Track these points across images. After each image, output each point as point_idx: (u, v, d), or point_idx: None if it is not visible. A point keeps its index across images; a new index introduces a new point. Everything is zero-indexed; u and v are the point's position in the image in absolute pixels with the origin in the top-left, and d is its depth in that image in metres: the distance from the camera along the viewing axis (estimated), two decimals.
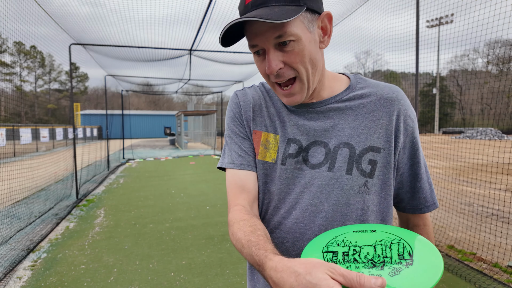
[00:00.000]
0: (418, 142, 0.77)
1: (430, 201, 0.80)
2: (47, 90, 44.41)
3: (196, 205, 5.60)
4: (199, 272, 3.10)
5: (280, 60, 0.65)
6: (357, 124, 0.73)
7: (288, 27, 0.62)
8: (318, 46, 0.68)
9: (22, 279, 2.98)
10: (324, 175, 0.72)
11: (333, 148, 0.72)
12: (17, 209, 5.11)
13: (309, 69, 0.67)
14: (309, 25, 0.65)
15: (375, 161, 0.72)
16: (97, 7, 4.93)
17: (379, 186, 0.73)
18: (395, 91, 0.75)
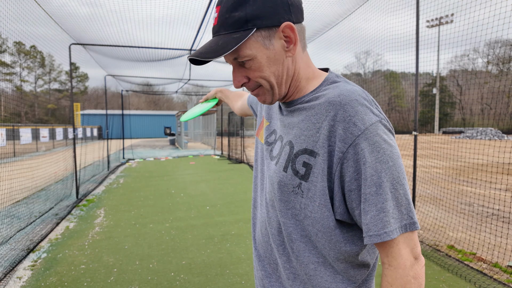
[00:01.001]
0: (365, 154, 0.64)
1: (373, 229, 0.64)
2: (47, 90, 44.42)
3: (196, 205, 5.60)
4: (199, 272, 3.10)
5: (243, 76, 0.74)
6: (303, 125, 0.74)
7: (240, 51, 0.69)
8: (282, 56, 0.72)
9: (22, 279, 2.98)
10: (272, 168, 0.80)
11: (283, 144, 0.78)
12: (17, 209, 5.11)
13: (272, 80, 0.73)
14: (265, 41, 0.69)
15: (310, 165, 0.70)
16: (96, 7, 4.93)
17: (314, 192, 0.70)
18: (342, 95, 0.69)
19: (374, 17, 4.73)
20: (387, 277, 0.67)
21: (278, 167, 0.77)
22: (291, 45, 0.71)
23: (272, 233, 0.81)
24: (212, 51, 0.68)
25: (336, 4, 4.85)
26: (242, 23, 0.67)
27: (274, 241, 0.81)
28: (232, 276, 3.00)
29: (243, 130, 12.11)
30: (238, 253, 3.52)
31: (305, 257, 0.75)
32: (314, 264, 0.74)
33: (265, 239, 0.84)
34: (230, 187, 7.13)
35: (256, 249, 0.90)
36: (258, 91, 0.76)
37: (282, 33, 0.70)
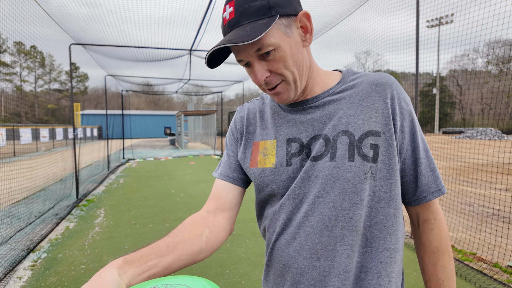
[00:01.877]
0: (415, 125, 0.75)
1: (433, 187, 0.75)
2: (47, 90, 44.44)
3: (196, 205, 5.60)
4: (199, 272, 3.10)
5: (265, 70, 0.70)
6: (353, 112, 0.73)
7: (264, 40, 0.66)
8: (301, 46, 0.71)
9: (22, 279, 2.98)
10: (327, 165, 0.72)
11: (332, 138, 0.73)
12: (17, 209, 5.11)
13: (294, 71, 0.71)
14: (286, 29, 0.68)
15: (377, 145, 0.71)
16: (96, 7, 4.93)
17: (386, 171, 0.72)
18: (385, 77, 0.76)
19: (374, 17, 4.73)
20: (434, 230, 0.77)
21: (339, 160, 0.71)
22: (307, 34, 0.72)
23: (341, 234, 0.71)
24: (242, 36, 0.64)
25: (335, 4, 4.85)
26: (266, 10, 0.66)
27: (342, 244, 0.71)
28: (232, 276, 3.00)
29: None
30: (238, 253, 3.53)
31: (380, 244, 0.72)
32: (389, 251, 0.73)
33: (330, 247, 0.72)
34: None
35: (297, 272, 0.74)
36: (281, 87, 0.72)
37: (299, 22, 0.70)
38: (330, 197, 0.71)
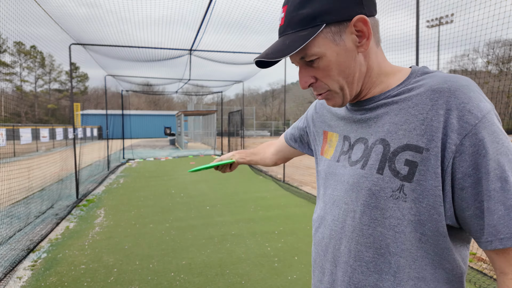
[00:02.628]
0: (485, 145, 0.57)
1: (504, 231, 0.56)
2: (47, 90, 44.44)
3: (196, 205, 5.60)
4: (199, 272, 3.10)
5: (310, 76, 0.70)
6: (398, 119, 0.65)
7: (308, 49, 0.66)
8: (353, 52, 0.67)
9: (22, 279, 2.98)
10: (357, 173, 0.69)
11: (370, 144, 0.69)
12: (17, 209, 5.11)
13: (340, 80, 0.68)
14: (335, 37, 0.65)
15: (415, 163, 0.61)
16: (95, 8, 4.93)
17: (421, 193, 0.61)
18: (449, 81, 0.62)
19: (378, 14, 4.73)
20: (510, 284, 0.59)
21: (368, 170, 0.67)
22: (364, 39, 0.66)
23: (357, 249, 0.68)
24: (278, 51, 0.65)
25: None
26: (310, 19, 0.64)
27: (357, 259, 0.69)
28: (232, 276, 3.00)
29: (243, 130, 12.11)
30: (238, 253, 3.53)
31: (404, 273, 0.64)
32: (414, 280, 0.64)
33: (344, 259, 0.71)
34: (230, 187, 7.13)
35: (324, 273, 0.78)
36: (326, 95, 0.71)
37: (354, 28, 0.65)
38: (353, 207, 0.69)
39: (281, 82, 63.68)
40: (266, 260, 3.34)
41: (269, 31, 6.10)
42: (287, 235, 4.06)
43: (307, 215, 4.89)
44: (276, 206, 5.48)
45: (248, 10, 5.01)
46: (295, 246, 3.69)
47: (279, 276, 2.99)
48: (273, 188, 6.98)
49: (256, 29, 5.99)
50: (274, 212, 5.08)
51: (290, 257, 3.41)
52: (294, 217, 4.82)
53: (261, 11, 5.10)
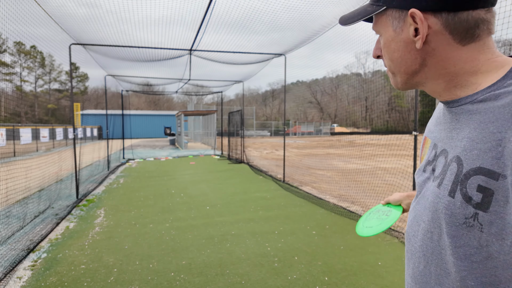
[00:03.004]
0: None
1: None
2: (47, 90, 44.45)
3: (196, 205, 5.60)
4: (199, 272, 3.10)
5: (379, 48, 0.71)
6: (475, 135, 0.55)
7: (374, 24, 0.68)
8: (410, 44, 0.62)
9: (22, 279, 2.98)
10: (435, 191, 0.61)
11: (448, 161, 0.60)
12: (17, 209, 5.11)
13: (391, 65, 0.68)
14: (394, 22, 0.63)
15: (489, 190, 0.51)
16: (95, 8, 4.93)
17: (502, 227, 0.50)
18: None
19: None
20: None
21: (442, 190, 0.59)
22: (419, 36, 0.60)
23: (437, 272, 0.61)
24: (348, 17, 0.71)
25: (334, 5, 4.85)
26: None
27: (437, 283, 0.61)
28: (232, 276, 3.00)
29: (243, 130, 12.11)
30: (238, 253, 3.53)
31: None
32: None
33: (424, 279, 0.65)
34: (230, 187, 7.13)
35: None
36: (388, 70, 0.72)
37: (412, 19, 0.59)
38: (430, 227, 0.62)
39: (281, 82, 63.56)
40: (266, 260, 3.34)
41: (269, 31, 6.10)
42: (287, 235, 4.06)
43: (307, 215, 4.89)
44: (276, 206, 5.48)
45: (248, 10, 5.01)
46: (295, 246, 3.69)
47: (279, 276, 2.99)
48: (273, 188, 6.98)
49: (255, 29, 6.00)
50: (274, 212, 5.08)
51: (290, 257, 3.41)
52: (294, 217, 4.82)
53: (261, 12, 5.10)
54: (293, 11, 5.00)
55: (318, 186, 7.17)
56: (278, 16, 5.23)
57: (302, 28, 5.98)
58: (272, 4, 4.78)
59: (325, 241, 3.83)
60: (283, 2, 4.66)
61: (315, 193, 6.45)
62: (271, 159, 13.12)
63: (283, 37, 6.57)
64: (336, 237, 3.95)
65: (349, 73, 33.11)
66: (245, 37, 6.53)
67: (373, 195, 5.87)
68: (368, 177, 7.76)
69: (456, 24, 0.58)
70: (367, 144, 18.33)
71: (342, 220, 4.64)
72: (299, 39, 6.69)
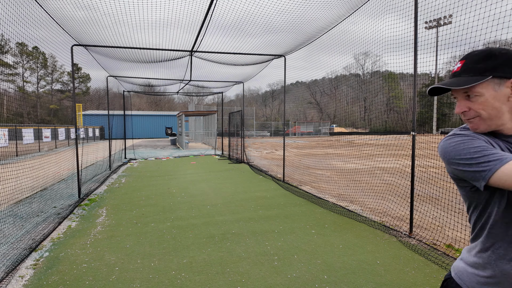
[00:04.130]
0: None
1: None
2: (49, 91, 44.58)
3: (197, 204, 5.64)
4: (200, 270, 3.13)
5: (466, 106, 1.02)
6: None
7: (475, 88, 0.98)
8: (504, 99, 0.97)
9: (24, 278, 3.02)
10: None
11: None
12: (19, 208, 5.16)
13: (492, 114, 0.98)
14: (495, 86, 0.96)
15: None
16: (92, 11, 4.97)
17: None
18: None
19: (373, 18, 4.76)
20: None
21: None
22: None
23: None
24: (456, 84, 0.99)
25: (335, 6, 4.88)
26: (482, 71, 0.97)
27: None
28: (233, 275, 3.04)
29: (243, 130, 12.14)
30: (238, 251, 3.56)
31: None
32: None
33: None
34: (231, 187, 7.17)
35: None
36: (476, 120, 1.01)
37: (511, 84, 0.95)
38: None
39: (281, 83, 63.50)
40: (266, 258, 3.38)
41: (264, 33, 6.16)
42: (287, 234, 4.09)
43: (306, 214, 4.92)
44: (276, 205, 5.51)
45: (248, 11, 5.05)
46: (294, 245, 3.72)
47: (278, 275, 3.02)
48: (273, 188, 7.01)
49: (256, 30, 6.04)
50: (274, 211, 5.11)
51: (289, 255, 3.44)
52: (294, 216, 4.85)
53: (251, 15, 5.16)
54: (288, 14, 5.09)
55: (317, 186, 7.19)
56: (279, 18, 5.27)
57: (300, 31, 6.04)
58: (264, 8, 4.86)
59: (324, 240, 3.86)
60: (283, 4, 4.71)
61: (314, 192, 6.48)
62: (271, 159, 13.15)
63: (284, 38, 6.61)
64: (335, 236, 3.98)
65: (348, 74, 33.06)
66: (245, 39, 6.57)
67: (371, 195, 5.90)
68: (366, 177, 7.79)
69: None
70: (366, 144, 18.32)
71: (341, 219, 4.67)
72: (299, 40, 6.73)
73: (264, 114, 57.23)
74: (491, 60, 0.96)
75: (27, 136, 15.24)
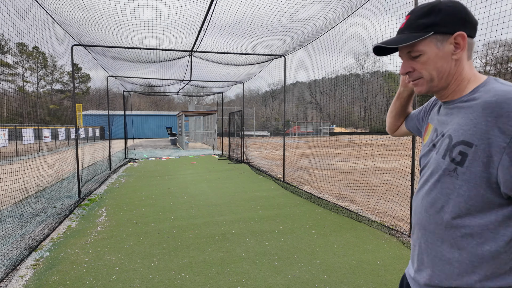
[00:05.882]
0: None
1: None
2: (49, 91, 44.59)
3: (197, 204, 5.64)
4: (200, 270, 3.13)
5: (410, 66, 0.97)
6: (461, 121, 0.89)
7: (416, 46, 0.93)
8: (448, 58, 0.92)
9: (24, 278, 3.02)
10: (434, 157, 0.97)
11: (443, 138, 0.94)
12: (19, 208, 5.16)
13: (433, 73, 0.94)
14: (437, 43, 0.91)
15: (466, 154, 0.85)
16: (91, 11, 4.96)
17: (469, 175, 0.85)
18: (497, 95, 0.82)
19: (373, 18, 4.76)
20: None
21: (437, 155, 0.95)
22: (459, 50, 0.91)
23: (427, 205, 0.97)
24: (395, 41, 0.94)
25: (335, 7, 4.88)
26: (424, 27, 0.91)
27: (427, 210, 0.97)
28: (233, 275, 3.04)
29: (243, 130, 12.14)
30: (238, 251, 3.56)
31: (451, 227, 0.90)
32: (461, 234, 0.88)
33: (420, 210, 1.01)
34: (231, 187, 7.16)
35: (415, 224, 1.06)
36: (418, 81, 0.98)
37: (454, 40, 0.90)
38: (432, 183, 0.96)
39: (281, 83, 63.48)
40: (266, 258, 3.37)
41: (263, 33, 6.17)
42: (287, 234, 4.09)
43: (306, 214, 4.92)
44: (276, 205, 5.51)
45: (248, 13, 5.05)
46: (294, 245, 3.72)
47: (279, 275, 3.02)
48: (273, 188, 7.01)
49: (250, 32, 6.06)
50: (274, 211, 5.11)
51: (289, 255, 3.44)
52: (294, 216, 4.85)
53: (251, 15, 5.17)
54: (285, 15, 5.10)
55: (317, 186, 7.19)
56: (277, 19, 5.27)
57: (298, 32, 6.05)
58: (262, 11, 4.87)
59: (324, 240, 3.86)
60: (280, 5, 4.71)
61: (314, 192, 6.48)
62: (271, 159, 13.15)
63: (283, 39, 6.61)
64: (335, 236, 3.98)
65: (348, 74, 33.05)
66: (245, 39, 6.57)
67: (371, 195, 5.89)
68: (367, 177, 7.78)
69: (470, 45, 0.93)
70: (366, 144, 18.31)
71: (341, 219, 4.67)
72: (298, 41, 6.73)
73: (264, 114, 57.23)
74: (433, 15, 0.90)
75: (27, 136, 15.24)
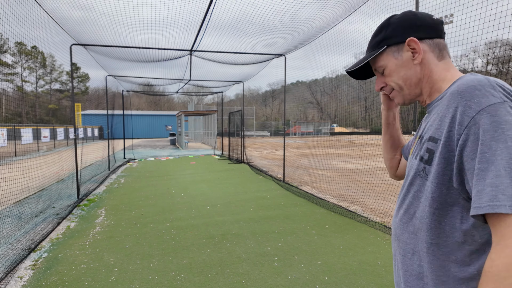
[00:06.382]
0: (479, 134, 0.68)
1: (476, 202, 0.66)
2: (48, 91, 44.51)
3: (196, 204, 5.62)
4: (200, 271, 3.11)
5: (382, 81, 0.99)
6: (432, 119, 0.86)
7: (376, 63, 0.97)
8: (409, 63, 0.91)
9: (23, 279, 3.00)
10: (411, 160, 0.94)
11: (420, 139, 0.92)
12: (18, 209, 5.14)
13: (400, 82, 0.94)
14: (395, 53, 0.92)
15: (432, 150, 0.80)
16: (89, 11, 4.94)
17: (435, 174, 0.78)
18: (461, 84, 0.78)
19: (373, 18, 4.74)
20: (491, 254, 0.65)
21: (413, 157, 0.92)
22: (417, 54, 0.89)
23: (402, 213, 0.92)
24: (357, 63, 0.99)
25: (335, 7, 4.86)
26: (378, 43, 0.95)
27: (401, 219, 0.92)
28: (232, 276, 3.02)
29: (243, 130, 12.12)
30: (238, 252, 3.54)
31: (421, 235, 0.83)
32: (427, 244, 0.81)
33: (395, 220, 0.97)
34: (230, 187, 7.14)
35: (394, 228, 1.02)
36: (393, 93, 0.99)
37: (408, 46, 0.89)
38: (406, 187, 0.92)
39: (281, 82, 63.48)
40: (266, 259, 3.36)
41: (263, 32, 6.14)
42: (287, 234, 4.07)
43: (306, 215, 4.90)
44: (276, 205, 5.49)
45: (243, 13, 5.04)
46: (295, 246, 3.70)
47: (279, 276, 3.00)
48: (273, 188, 6.99)
49: (249, 32, 6.04)
50: (274, 212, 5.09)
51: (290, 256, 3.42)
52: (294, 216, 4.83)
53: (251, 14, 5.15)
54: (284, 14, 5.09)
55: (317, 186, 7.18)
56: (276, 18, 5.25)
57: (298, 31, 6.04)
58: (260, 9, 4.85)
59: (325, 241, 3.84)
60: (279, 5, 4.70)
61: (314, 192, 6.46)
62: (271, 159, 13.13)
63: (283, 38, 6.59)
64: (335, 237, 3.96)
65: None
66: (244, 39, 6.55)
67: (372, 195, 5.88)
68: (367, 177, 7.77)
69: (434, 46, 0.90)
70: (367, 144, 18.30)
71: (341, 219, 4.66)
72: (298, 40, 6.71)
73: (264, 114, 57.22)
74: (384, 30, 0.94)
75: (26, 136, 15.19)
